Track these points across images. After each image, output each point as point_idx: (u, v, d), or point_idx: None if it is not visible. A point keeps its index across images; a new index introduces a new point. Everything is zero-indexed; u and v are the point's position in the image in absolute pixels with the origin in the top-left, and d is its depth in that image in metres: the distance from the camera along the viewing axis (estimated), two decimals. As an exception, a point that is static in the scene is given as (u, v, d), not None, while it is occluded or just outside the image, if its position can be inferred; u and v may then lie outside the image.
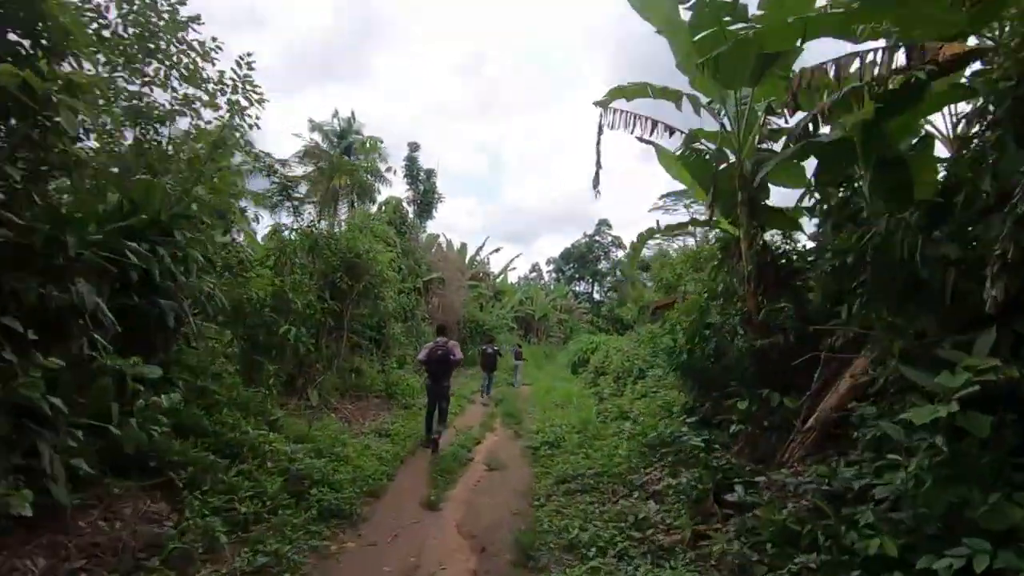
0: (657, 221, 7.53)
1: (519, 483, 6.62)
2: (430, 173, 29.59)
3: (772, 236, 6.92)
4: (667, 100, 7.18)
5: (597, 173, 7.02)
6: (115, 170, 4.88)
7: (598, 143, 6.97)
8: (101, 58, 5.38)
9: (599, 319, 29.78)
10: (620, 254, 53.42)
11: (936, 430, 2.86)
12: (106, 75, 5.49)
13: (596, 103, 7.50)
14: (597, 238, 54.23)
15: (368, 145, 19.21)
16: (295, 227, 9.57)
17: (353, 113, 26.07)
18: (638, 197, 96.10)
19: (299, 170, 9.88)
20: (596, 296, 52.48)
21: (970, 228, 3.94)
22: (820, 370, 5.00)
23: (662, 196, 51.98)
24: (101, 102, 5.53)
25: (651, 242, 48.10)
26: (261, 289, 7.76)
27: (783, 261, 6.58)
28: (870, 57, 3.90)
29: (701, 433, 5.66)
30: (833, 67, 4.12)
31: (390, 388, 11.62)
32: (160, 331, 4.65)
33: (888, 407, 3.92)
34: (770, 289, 6.37)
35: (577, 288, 52.22)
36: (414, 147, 29.97)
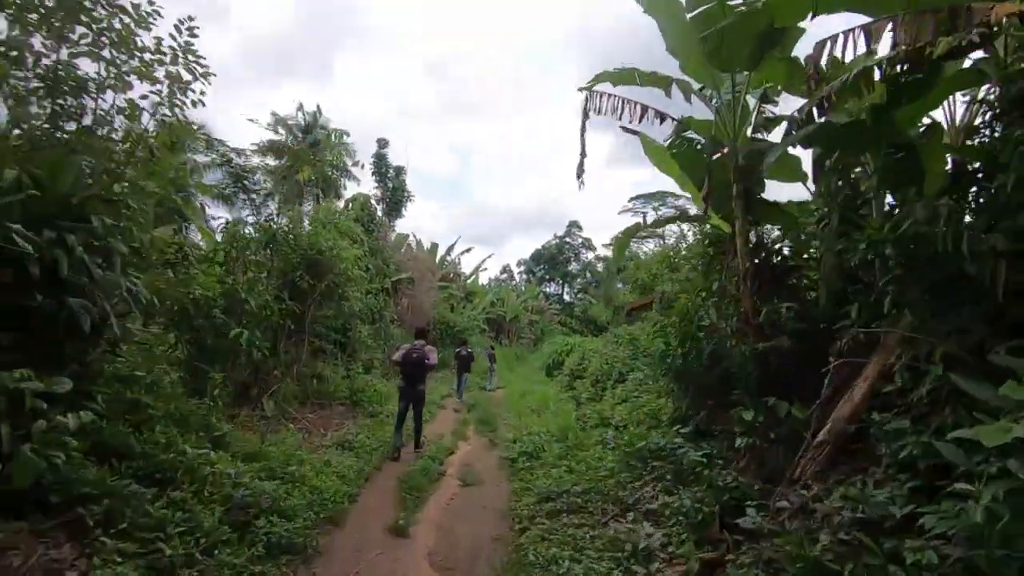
0: (644, 216, 7.09)
1: (497, 501, 6.02)
2: (399, 170, 28.70)
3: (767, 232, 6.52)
4: (656, 87, 6.71)
5: (581, 162, 6.49)
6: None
7: (583, 130, 6.44)
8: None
9: (572, 320, 29.37)
10: (590, 255, 53.50)
11: (1009, 452, 2.39)
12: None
13: (580, 89, 6.99)
14: (567, 239, 54.11)
15: (333, 138, 18.24)
16: (249, 221, 8.74)
17: (319, 107, 25.02)
18: (608, 200, 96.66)
19: (256, 160, 9.08)
20: (567, 298, 52.31)
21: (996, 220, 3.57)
22: (830, 376, 4.57)
23: (632, 199, 52.39)
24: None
25: (622, 243, 47.13)
26: (209, 288, 6.96)
27: (778, 258, 6.17)
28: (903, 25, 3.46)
29: (698, 445, 5.18)
30: (863, 34, 3.68)
31: (355, 395, 10.85)
32: (72, 336, 3.88)
33: (918, 420, 3.48)
34: (765, 288, 5.97)
35: (547, 289, 51.90)
36: (383, 143, 29.02)
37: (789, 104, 6.69)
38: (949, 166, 4.69)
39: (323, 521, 4.86)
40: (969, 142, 4.90)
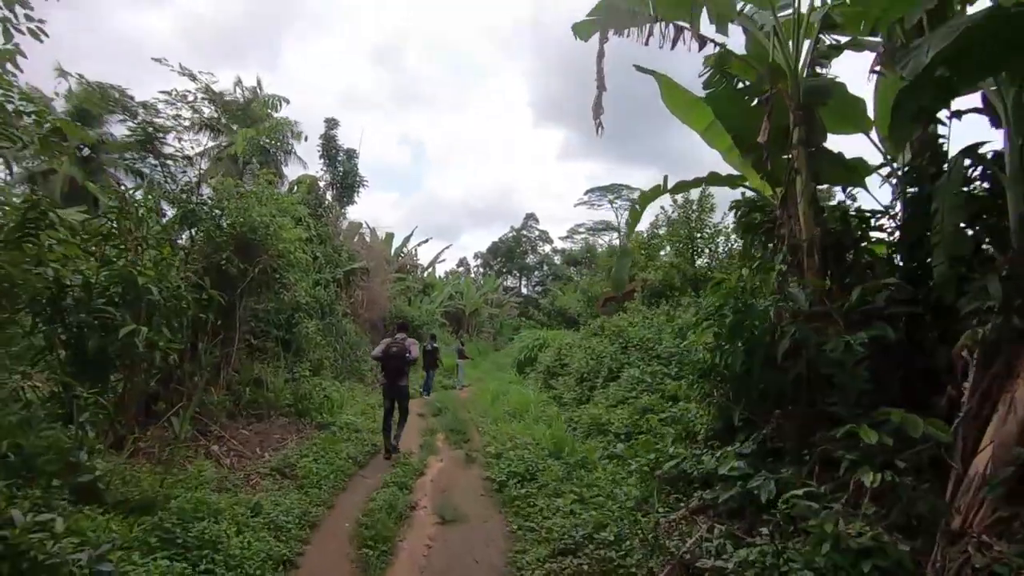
0: (665, 177, 5.69)
1: (492, 550, 4.50)
2: (351, 153, 26.43)
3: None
4: (678, 20, 5.29)
5: (599, 97, 5.01)
6: None
7: (600, 56, 4.96)
8: None
9: (539, 312, 27.98)
10: (547, 248, 52.56)
11: None
12: None
13: (575, 27, 5.53)
14: (524, 232, 52.96)
15: (270, 103, 15.99)
16: (145, 188, 6.83)
17: (259, 81, 22.51)
18: (561, 193, 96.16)
19: (169, 112, 7.16)
20: (524, 291, 51.19)
21: None
22: (974, 377, 3.28)
23: (587, 192, 52.25)
24: None
25: (577, 236, 46.54)
26: (89, 271, 5.12)
27: (839, 225, 4.88)
28: None
29: (773, 471, 3.81)
30: None
31: (301, 403, 9.05)
32: None
33: None
34: (830, 262, 4.69)
35: (506, 283, 50.55)
36: (332, 124, 26.52)
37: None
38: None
39: (242, 613, 3.22)
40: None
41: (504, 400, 11.42)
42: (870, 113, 5.07)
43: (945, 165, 4.17)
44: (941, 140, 4.55)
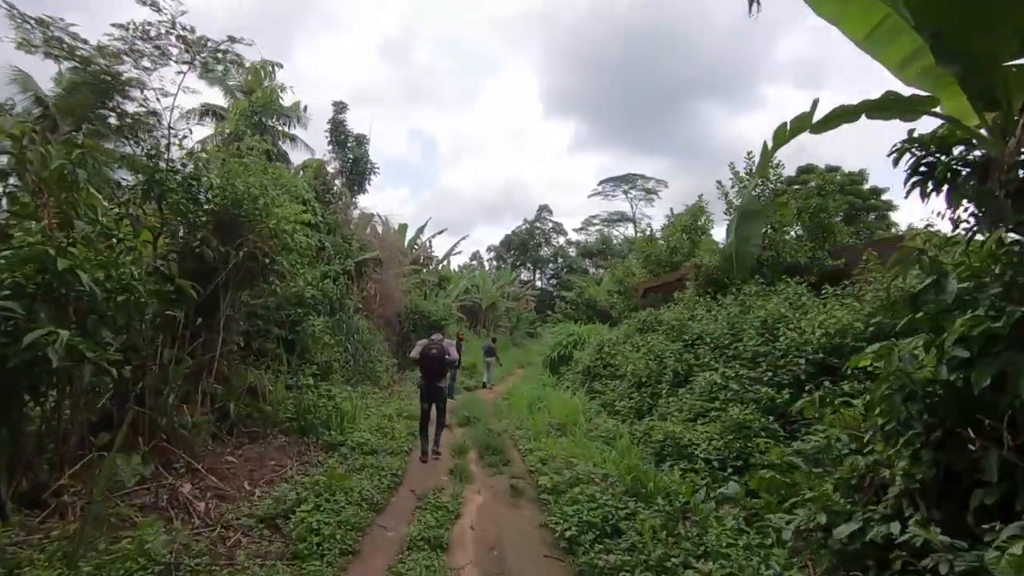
0: (815, 101, 3.92)
1: None
2: (361, 139, 24.75)
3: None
4: None
5: None
6: None
7: None
8: None
9: (565, 303, 26.16)
10: (561, 240, 50.78)
11: None
12: None
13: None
14: (538, 224, 51.16)
15: (262, 72, 14.25)
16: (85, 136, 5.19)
17: (261, 59, 20.91)
18: (572, 185, 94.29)
19: (120, 47, 5.64)
20: (539, 284, 49.47)
21: None
22: None
23: (601, 182, 50.72)
24: None
25: (591, 228, 44.87)
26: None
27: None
28: None
29: None
30: None
31: (304, 417, 7.43)
32: None
33: None
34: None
35: (520, 276, 48.85)
36: (340, 107, 24.88)
37: None
38: None
39: None
40: None
41: (543, 408, 9.69)
42: None
43: None
44: None
